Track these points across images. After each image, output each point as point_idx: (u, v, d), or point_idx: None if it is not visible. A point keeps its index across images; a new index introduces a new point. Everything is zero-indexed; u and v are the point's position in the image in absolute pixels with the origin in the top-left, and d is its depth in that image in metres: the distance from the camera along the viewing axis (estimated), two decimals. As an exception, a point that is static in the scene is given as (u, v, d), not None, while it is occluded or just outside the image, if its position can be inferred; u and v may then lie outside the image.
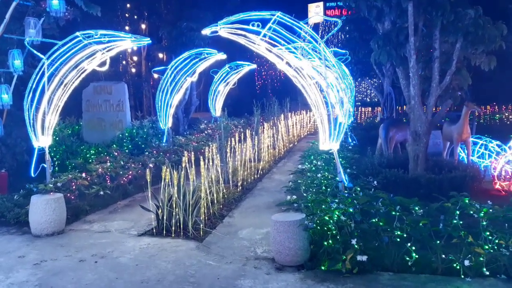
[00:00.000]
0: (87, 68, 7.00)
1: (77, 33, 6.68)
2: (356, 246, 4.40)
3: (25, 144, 9.18)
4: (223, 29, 5.81)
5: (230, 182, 8.11)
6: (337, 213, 4.78)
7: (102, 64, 7.16)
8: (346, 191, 5.73)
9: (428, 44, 7.93)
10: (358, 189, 5.57)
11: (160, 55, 21.07)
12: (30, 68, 9.18)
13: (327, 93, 5.60)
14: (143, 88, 20.83)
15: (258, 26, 5.71)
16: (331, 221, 4.73)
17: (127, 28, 20.01)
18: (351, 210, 4.72)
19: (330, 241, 4.62)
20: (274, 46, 5.72)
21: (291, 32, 5.70)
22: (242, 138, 9.65)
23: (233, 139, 9.23)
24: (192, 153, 6.94)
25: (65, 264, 4.97)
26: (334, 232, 4.65)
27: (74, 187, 6.93)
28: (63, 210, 6.14)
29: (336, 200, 4.94)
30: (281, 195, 7.99)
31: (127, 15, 20.81)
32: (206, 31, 5.79)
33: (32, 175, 6.65)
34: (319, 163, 7.43)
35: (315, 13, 37.83)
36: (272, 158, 11.47)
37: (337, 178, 6.35)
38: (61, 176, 7.01)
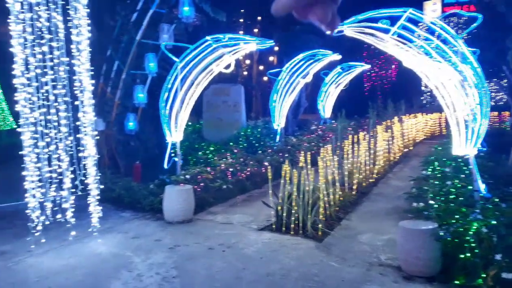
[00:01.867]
0: (215, 70, 7.46)
1: (207, 37, 7.16)
2: (502, 263, 3.98)
3: (156, 139, 10.13)
4: (348, 29, 5.71)
5: (346, 184, 7.96)
6: (475, 224, 4.39)
7: (228, 66, 7.57)
8: (482, 202, 5.22)
9: None
10: (497, 199, 5.04)
11: (271, 59, 21.62)
12: (162, 70, 10.12)
13: (466, 93, 5.17)
14: (254, 90, 21.57)
15: (387, 24, 5.51)
16: (470, 233, 4.34)
17: (241, 32, 20.91)
18: (493, 222, 4.29)
19: (468, 254, 4.26)
20: (404, 44, 5.46)
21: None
22: (356, 140, 9.42)
23: (346, 141, 9.05)
24: (310, 152, 6.98)
25: (196, 250, 5.36)
26: (472, 245, 4.26)
27: (200, 180, 7.45)
28: (192, 200, 6.64)
29: (477, 211, 4.52)
30: (400, 202, 7.61)
31: (241, 20, 21.74)
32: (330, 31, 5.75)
33: (165, 167, 7.30)
34: (447, 169, 6.90)
35: (432, 10, 35.37)
36: (387, 162, 10.99)
37: (470, 187, 5.82)
38: (190, 169, 7.60)
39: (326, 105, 16.50)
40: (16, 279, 4.58)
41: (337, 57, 11.54)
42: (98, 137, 5.92)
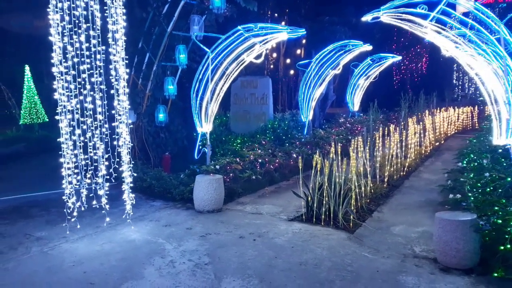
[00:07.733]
0: (246, 60, 7.44)
1: (239, 27, 7.14)
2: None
3: (185, 131, 10.23)
4: (385, 15, 5.58)
5: (377, 177, 7.82)
6: (517, 216, 4.22)
7: (258, 56, 7.54)
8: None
9: None
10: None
11: (298, 52, 21.42)
12: (192, 62, 10.18)
13: (508, 81, 4.97)
14: (281, 83, 21.45)
15: (424, 9, 5.35)
16: (511, 223, 4.18)
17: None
18: (537, 214, 4.11)
19: (508, 246, 4.10)
20: (445, 30, 5.29)
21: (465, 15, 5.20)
22: (386, 133, 9.24)
23: (376, 133, 8.88)
24: (339, 145, 6.87)
25: (227, 239, 5.38)
26: (514, 237, 4.11)
27: (229, 170, 7.47)
28: (222, 190, 6.66)
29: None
30: (432, 195, 7.44)
31: (269, 13, 21.60)
32: (367, 18, 5.64)
33: (196, 157, 7.36)
34: (484, 161, 6.67)
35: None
36: (418, 156, 10.74)
37: (509, 179, 5.60)
38: (219, 160, 7.63)
39: (354, 98, 16.26)
40: (52, 263, 4.70)
41: (368, 47, 11.34)
42: (131, 126, 6.00)
